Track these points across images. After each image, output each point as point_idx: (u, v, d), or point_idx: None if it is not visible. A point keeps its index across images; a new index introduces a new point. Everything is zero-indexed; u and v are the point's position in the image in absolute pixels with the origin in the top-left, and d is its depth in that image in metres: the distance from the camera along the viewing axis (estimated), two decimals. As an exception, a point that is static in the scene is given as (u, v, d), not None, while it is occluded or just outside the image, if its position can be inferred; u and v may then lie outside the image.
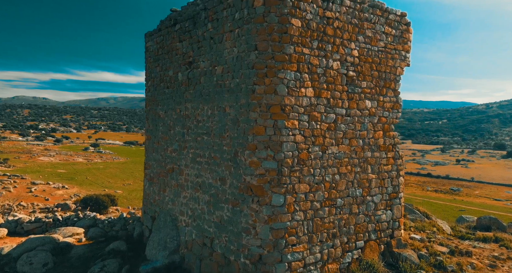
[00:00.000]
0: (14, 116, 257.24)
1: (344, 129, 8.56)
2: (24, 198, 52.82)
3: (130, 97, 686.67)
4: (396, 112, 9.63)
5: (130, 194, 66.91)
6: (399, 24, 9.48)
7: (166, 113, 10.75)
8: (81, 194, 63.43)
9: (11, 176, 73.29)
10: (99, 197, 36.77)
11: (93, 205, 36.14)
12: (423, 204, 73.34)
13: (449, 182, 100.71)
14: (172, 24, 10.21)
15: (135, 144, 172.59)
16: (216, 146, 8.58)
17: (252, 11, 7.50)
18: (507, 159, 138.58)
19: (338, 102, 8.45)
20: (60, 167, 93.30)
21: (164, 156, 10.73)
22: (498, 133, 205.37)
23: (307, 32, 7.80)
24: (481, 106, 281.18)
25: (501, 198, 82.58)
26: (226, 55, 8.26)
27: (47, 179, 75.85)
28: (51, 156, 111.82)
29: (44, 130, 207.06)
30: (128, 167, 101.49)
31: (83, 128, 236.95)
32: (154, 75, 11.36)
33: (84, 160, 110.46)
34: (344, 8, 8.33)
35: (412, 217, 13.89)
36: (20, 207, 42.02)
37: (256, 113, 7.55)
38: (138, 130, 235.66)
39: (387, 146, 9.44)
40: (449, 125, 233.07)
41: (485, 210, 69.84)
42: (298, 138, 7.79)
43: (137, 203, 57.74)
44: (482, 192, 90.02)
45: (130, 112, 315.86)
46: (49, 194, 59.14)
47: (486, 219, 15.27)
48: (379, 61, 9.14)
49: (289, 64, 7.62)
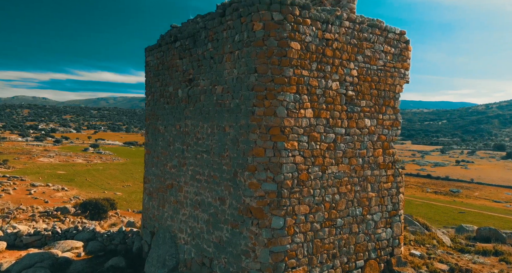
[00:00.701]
0: (14, 116, 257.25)
1: (343, 148, 8.56)
2: (24, 201, 52.86)
3: (130, 97, 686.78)
4: (396, 129, 9.63)
5: (130, 196, 66.98)
6: (398, 42, 9.49)
7: (166, 129, 10.75)
8: (81, 196, 63.47)
9: (11, 177, 73.33)
10: (98, 201, 36.86)
11: (92, 210, 36.23)
12: (422, 206, 73.54)
13: (449, 184, 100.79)
14: (172, 41, 10.21)
15: (134, 144, 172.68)
16: (215, 165, 8.58)
17: (251, 35, 7.50)
18: (507, 160, 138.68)
19: (338, 121, 8.46)
20: (60, 168, 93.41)
21: (164, 172, 10.73)
22: (497, 133, 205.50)
23: (306, 54, 7.80)
24: (480, 107, 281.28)
25: (500, 200, 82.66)
26: (226, 75, 8.26)
27: (47, 180, 75.88)
28: (50, 157, 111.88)
29: (43, 130, 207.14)
30: (128, 168, 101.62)
31: (83, 128, 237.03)
32: (154, 89, 11.36)
33: (83, 161, 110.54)
34: (343, 29, 8.33)
35: (412, 228, 13.89)
36: (19, 210, 42.04)
37: (255, 135, 7.55)
38: (138, 130, 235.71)
39: (387, 164, 9.45)
40: (449, 126, 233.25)
41: (485, 212, 69.96)
42: (298, 159, 7.79)
43: (136, 205, 57.79)
44: (482, 193, 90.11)
45: (130, 112, 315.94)
46: (49, 196, 59.21)
47: (485, 230, 15.27)
48: (378, 80, 9.15)
49: (289, 87, 7.63)
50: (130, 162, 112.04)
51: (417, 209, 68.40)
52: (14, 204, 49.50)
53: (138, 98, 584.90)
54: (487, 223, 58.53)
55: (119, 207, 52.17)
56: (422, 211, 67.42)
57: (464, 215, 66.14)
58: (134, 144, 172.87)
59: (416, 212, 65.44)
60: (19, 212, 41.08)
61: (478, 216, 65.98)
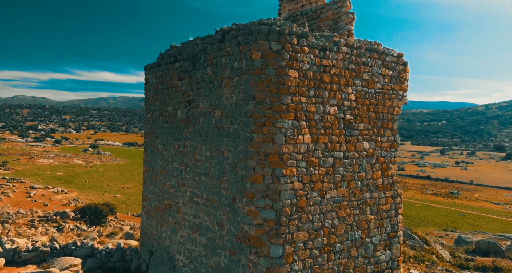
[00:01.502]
0: (14, 116, 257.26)
1: (342, 172, 8.57)
2: (23, 204, 52.88)
3: (129, 97, 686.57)
4: (394, 151, 9.65)
5: (129, 199, 67.01)
6: (396, 64, 9.51)
7: (164, 148, 10.77)
8: (80, 199, 63.49)
9: (10, 179, 73.34)
10: (98, 206, 36.87)
11: (92, 215, 36.22)
12: (422, 208, 73.32)
13: (448, 185, 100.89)
14: (172, 61, 10.22)
15: (134, 145, 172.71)
16: (214, 188, 8.60)
17: (250, 63, 7.52)
18: (506, 161, 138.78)
19: (336, 146, 8.47)
20: (59, 170, 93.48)
21: (162, 191, 10.75)
22: (497, 134, 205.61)
23: (304, 82, 7.82)
24: (480, 107, 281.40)
25: (500, 202, 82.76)
26: (225, 100, 8.28)
27: (46, 182, 75.89)
28: (50, 158, 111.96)
29: (43, 130, 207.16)
30: (128, 169, 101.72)
31: (83, 129, 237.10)
32: (154, 108, 11.37)
33: (83, 162, 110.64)
34: (341, 55, 8.36)
35: (411, 243, 13.92)
36: (19, 215, 42.07)
37: (254, 161, 7.57)
38: (138, 131, 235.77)
39: (386, 186, 9.47)
40: (449, 126, 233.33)
41: (484, 214, 70.02)
42: (297, 185, 7.80)
43: (136, 208, 57.82)
44: (481, 195, 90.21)
45: (130, 112, 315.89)
46: (48, 199, 59.21)
47: (485, 244, 15.31)
48: (376, 103, 9.17)
49: (287, 114, 7.65)
50: (129, 163, 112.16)
51: (417, 212, 68.50)
52: (13, 207, 49.54)
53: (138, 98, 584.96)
54: (487, 227, 58.66)
55: (119, 210, 52.22)
56: (421, 213, 67.51)
57: (464, 217, 66.24)
58: (134, 145, 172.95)
59: (416, 214, 65.61)
60: (18, 217, 41.12)
61: (477, 218, 66.07)
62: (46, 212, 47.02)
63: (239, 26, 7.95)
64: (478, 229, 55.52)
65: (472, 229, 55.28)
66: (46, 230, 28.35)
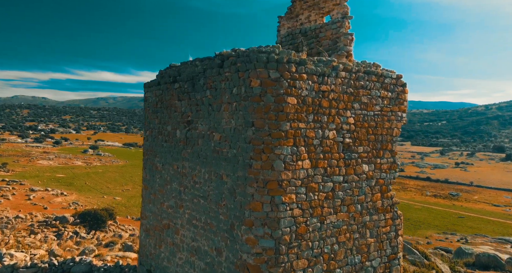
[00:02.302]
0: (13, 116, 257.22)
1: (342, 196, 8.55)
2: (23, 207, 52.87)
3: (129, 97, 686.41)
4: (394, 172, 9.63)
5: (129, 201, 66.98)
6: (395, 86, 9.49)
7: (163, 167, 10.73)
8: (80, 201, 63.44)
9: (10, 181, 73.33)
10: (97, 212, 36.86)
11: (91, 220, 36.21)
12: (422, 211, 73.25)
13: (448, 187, 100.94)
14: (171, 81, 10.19)
15: (134, 145, 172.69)
16: (212, 212, 8.57)
17: (249, 90, 7.49)
18: (506, 162, 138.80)
19: (335, 170, 8.45)
20: (59, 171, 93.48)
21: (160, 210, 10.72)
22: (497, 135, 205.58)
23: (302, 108, 7.80)
24: (480, 107, 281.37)
25: (500, 204, 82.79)
26: (224, 124, 8.25)
27: (46, 184, 75.86)
28: (50, 160, 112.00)
29: (43, 131, 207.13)
30: (127, 170, 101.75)
31: (82, 129, 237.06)
32: (153, 126, 11.34)
33: (83, 163, 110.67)
34: (340, 79, 8.33)
35: (411, 257, 13.89)
36: (18, 220, 42.05)
37: (253, 188, 7.54)
38: (137, 131, 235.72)
39: (385, 208, 9.44)
40: (448, 127, 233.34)
41: (484, 217, 70.04)
42: (296, 212, 7.78)
43: (135, 211, 57.82)
44: (481, 197, 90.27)
45: (130, 113, 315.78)
46: (48, 202, 59.19)
47: (485, 257, 15.28)
48: (375, 125, 9.14)
49: (286, 140, 7.63)
50: (129, 165, 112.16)
51: (417, 214, 68.55)
52: (13, 211, 49.53)
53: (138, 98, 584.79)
54: (486, 229, 58.67)
55: (118, 214, 52.20)
56: (421, 215, 67.54)
57: (464, 220, 66.29)
58: (134, 145, 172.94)
59: (416, 217, 65.65)
60: (18, 222, 41.10)
61: (477, 221, 66.11)
62: (45, 216, 47.02)
63: (238, 53, 7.92)
64: (478, 232, 55.56)
65: (472, 232, 55.32)
66: (45, 237, 28.32)
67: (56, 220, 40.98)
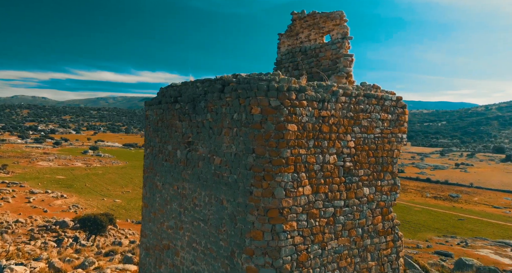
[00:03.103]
0: (13, 116, 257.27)
1: (343, 221, 8.53)
2: (23, 210, 52.87)
3: (129, 97, 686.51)
4: (394, 194, 9.61)
5: (129, 204, 66.98)
6: (395, 108, 9.47)
7: (163, 186, 10.72)
8: (80, 204, 63.44)
9: (10, 184, 73.30)
10: (97, 217, 36.86)
11: (91, 225, 36.20)
12: (422, 213, 73.12)
13: (448, 188, 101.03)
14: (172, 101, 10.17)
15: (134, 146, 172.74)
16: (212, 237, 8.55)
17: (250, 117, 7.48)
18: (506, 163, 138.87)
19: (336, 194, 8.43)
20: (59, 173, 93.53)
21: (160, 230, 10.70)
22: (497, 135, 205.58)
23: (303, 134, 7.78)
24: (480, 108, 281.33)
25: (500, 206, 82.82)
26: (225, 149, 8.24)
27: (46, 186, 75.89)
28: (50, 161, 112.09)
29: (43, 131, 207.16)
30: (127, 172, 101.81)
31: (82, 129, 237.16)
32: (153, 144, 11.32)
33: (83, 164, 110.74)
34: (340, 104, 8.32)
35: (411, 272, 13.87)
36: (18, 224, 42.06)
37: (253, 216, 7.53)
38: (137, 131, 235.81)
39: (386, 230, 9.43)
40: (448, 127, 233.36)
41: (484, 219, 70.08)
42: (297, 240, 7.76)
43: (135, 214, 57.82)
44: (481, 199, 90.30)
45: (130, 113, 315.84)
46: (48, 205, 59.20)
47: (485, 270, 15.27)
48: (375, 148, 9.13)
49: (286, 167, 7.61)
50: (129, 166, 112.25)
51: (417, 216, 68.59)
52: (13, 214, 49.60)
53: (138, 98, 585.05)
54: (486, 232, 58.69)
55: (118, 217, 52.25)
56: (421, 218, 67.58)
57: (464, 222, 66.34)
58: (134, 146, 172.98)
59: (416, 219, 65.69)
60: (18, 226, 41.12)
61: (477, 223, 66.15)
62: (45, 219, 47.07)
63: (239, 79, 7.90)
64: (478, 235, 55.60)
65: (472, 235, 55.37)
66: (45, 245, 28.35)
67: (56, 225, 41.03)
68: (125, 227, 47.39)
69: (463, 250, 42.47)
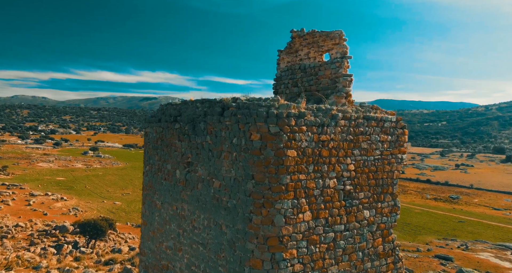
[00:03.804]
0: (13, 116, 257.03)
1: (343, 245, 8.46)
2: (23, 213, 52.73)
3: (129, 97, 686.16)
4: (395, 215, 9.54)
5: (129, 206, 66.83)
6: (394, 129, 9.39)
7: (162, 205, 10.65)
8: (80, 206, 63.31)
9: (10, 185, 73.15)
10: (97, 222, 36.79)
11: (91, 231, 36.12)
12: (422, 215, 72.96)
13: (449, 189, 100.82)
14: (172, 121, 10.10)
15: (134, 147, 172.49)
16: (211, 262, 8.48)
17: (249, 143, 7.42)
18: (506, 164, 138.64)
19: (337, 219, 8.35)
20: (59, 174, 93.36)
21: (159, 250, 10.63)
22: (497, 135, 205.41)
23: (302, 159, 7.71)
24: (480, 108, 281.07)
25: (500, 207, 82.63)
26: (224, 173, 8.17)
27: (46, 188, 75.75)
28: (50, 162, 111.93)
29: (43, 131, 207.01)
30: (127, 173, 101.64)
31: (82, 129, 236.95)
32: (153, 162, 11.25)
33: (83, 165, 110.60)
34: (339, 128, 8.24)
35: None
36: (18, 228, 41.96)
37: (253, 244, 7.46)
38: (138, 132, 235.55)
39: (387, 252, 9.35)
40: (448, 127, 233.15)
41: (484, 221, 69.95)
42: (297, 268, 7.70)
43: (135, 217, 57.69)
44: (481, 200, 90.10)
45: (130, 113, 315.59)
46: (48, 207, 59.08)
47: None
48: (375, 170, 9.06)
49: (286, 194, 7.54)
50: (129, 167, 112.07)
51: (417, 218, 68.47)
52: (13, 217, 49.49)
53: (138, 98, 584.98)
54: (486, 234, 58.58)
55: (118, 220, 52.17)
56: (422, 220, 67.46)
57: (464, 224, 66.19)
58: (134, 147, 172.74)
59: (416, 221, 65.58)
60: (18, 231, 41.03)
61: (477, 225, 66.00)
62: (45, 223, 46.97)
63: (239, 103, 7.83)
64: (478, 238, 55.47)
65: (472, 238, 55.25)
66: (44, 251, 28.25)
67: (55, 229, 40.94)
68: (125, 230, 47.28)
69: (463, 253, 42.37)
